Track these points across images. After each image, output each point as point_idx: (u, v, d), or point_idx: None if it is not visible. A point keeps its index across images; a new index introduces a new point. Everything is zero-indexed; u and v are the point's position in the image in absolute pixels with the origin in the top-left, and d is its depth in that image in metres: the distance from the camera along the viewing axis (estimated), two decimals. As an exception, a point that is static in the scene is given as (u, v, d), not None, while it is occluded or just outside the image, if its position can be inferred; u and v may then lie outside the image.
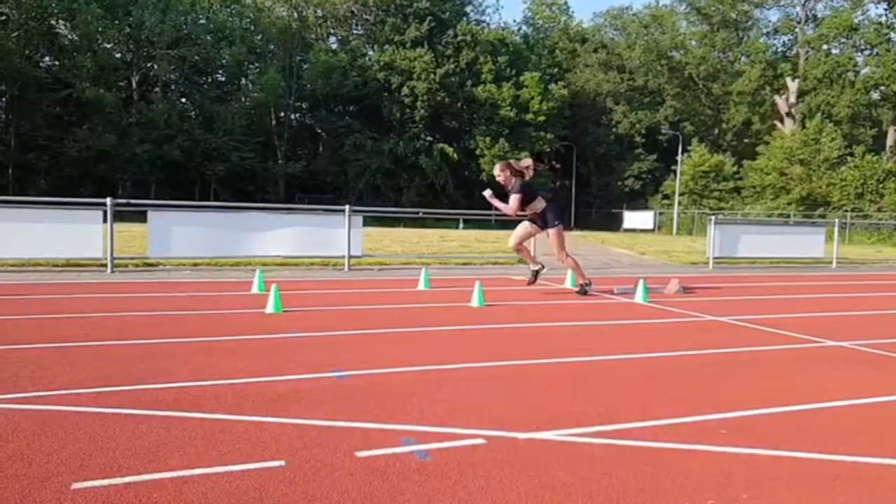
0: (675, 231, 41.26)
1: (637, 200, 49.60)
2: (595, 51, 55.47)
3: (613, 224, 44.83)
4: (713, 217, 14.84)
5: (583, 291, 7.92)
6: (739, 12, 48.17)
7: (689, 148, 45.42)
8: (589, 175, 53.68)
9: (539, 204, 7.87)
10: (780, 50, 49.91)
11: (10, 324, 5.26)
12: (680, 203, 43.56)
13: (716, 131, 52.92)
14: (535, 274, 8.17)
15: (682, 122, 50.53)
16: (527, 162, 8.04)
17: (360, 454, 2.58)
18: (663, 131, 49.12)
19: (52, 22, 39.05)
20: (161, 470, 2.37)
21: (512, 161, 8.17)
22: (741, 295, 8.83)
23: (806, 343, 5.26)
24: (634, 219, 44.94)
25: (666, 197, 46.93)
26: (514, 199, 7.71)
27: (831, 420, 3.25)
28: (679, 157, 44.43)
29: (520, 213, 7.92)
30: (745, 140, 50.46)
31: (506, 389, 3.61)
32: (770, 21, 52.68)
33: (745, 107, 48.29)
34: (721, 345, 5.10)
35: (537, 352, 4.67)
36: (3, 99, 37.74)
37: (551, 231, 7.93)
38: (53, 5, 37.28)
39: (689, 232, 39.55)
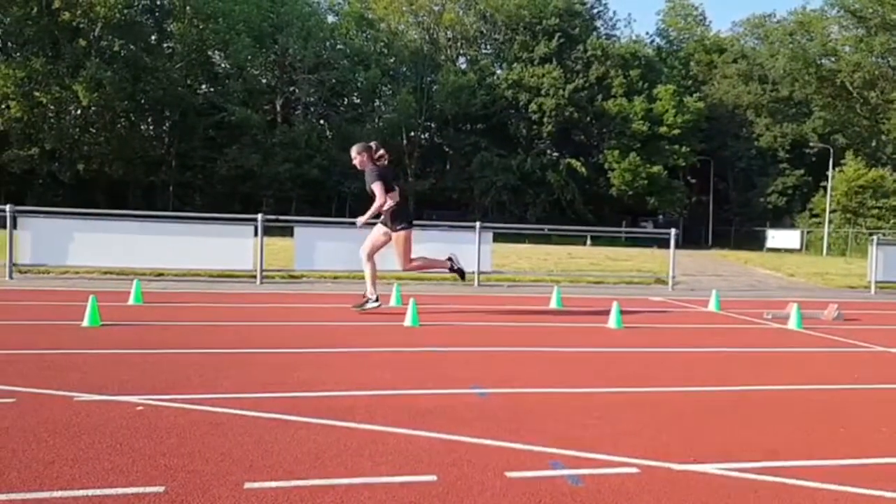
0: (825, 251, 38.05)
1: (781, 218, 46.28)
2: (734, 61, 52.65)
3: (755, 243, 42.01)
4: (875, 237, 13.53)
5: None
6: (903, 13, 43.90)
7: (841, 162, 41.82)
8: (728, 191, 50.83)
9: (391, 200, 6.96)
10: (951, 52, 44.95)
11: (177, 329, 5.76)
12: (831, 221, 40.15)
13: (873, 143, 48.31)
14: (365, 304, 7.15)
15: (833, 135, 46.62)
16: (381, 151, 7.20)
17: (510, 475, 2.56)
18: (811, 144, 45.58)
19: (209, 53, 43.05)
20: (322, 476, 2.48)
21: (372, 144, 7.21)
22: (912, 324, 7.97)
23: None
24: (779, 237, 41.94)
25: (815, 215, 43.42)
26: (378, 186, 6.84)
27: None
28: (830, 172, 41.04)
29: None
30: (909, 152, 45.80)
31: (654, 417, 3.46)
32: (939, 21, 47.58)
33: (909, 116, 43.83)
34: (892, 379, 4.62)
35: (685, 378, 4.45)
36: (167, 124, 41.94)
37: (395, 236, 7.09)
38: (211, 38, 41.01)
39: (841, 253, 36.32)
